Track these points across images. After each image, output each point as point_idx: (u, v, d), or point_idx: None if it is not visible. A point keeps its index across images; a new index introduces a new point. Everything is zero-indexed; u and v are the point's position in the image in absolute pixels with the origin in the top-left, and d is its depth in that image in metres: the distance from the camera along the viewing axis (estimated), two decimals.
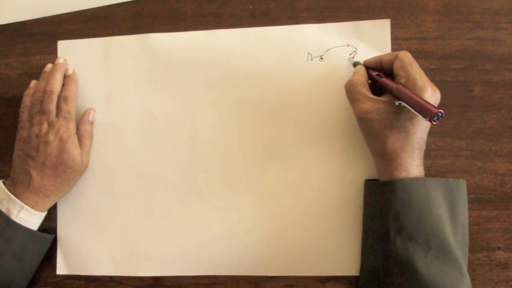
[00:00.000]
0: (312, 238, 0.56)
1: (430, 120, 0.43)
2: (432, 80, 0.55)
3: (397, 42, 0.56)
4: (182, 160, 0.59)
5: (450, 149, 0.55)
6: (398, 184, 0.48)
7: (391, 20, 0.56)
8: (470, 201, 0.54)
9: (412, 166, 0.49)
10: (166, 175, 0.59)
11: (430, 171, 0.55)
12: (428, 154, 0.55)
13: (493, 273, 0.54)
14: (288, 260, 0.57)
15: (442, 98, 0.55)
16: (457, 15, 0.56)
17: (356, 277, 0.56)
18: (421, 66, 0.55)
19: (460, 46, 0.56)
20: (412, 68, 0.48)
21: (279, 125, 0.57)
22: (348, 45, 0.57)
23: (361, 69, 0.53)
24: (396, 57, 0.50)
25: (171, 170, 0.59)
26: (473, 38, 0.56)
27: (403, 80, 0.48)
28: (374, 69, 0.53)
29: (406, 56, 0.50)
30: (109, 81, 0.61)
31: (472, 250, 0.54)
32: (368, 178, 0.56)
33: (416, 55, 0.56)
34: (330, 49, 0.57)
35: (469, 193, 0.55)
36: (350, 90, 0.52)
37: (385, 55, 0.52)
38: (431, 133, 0.55)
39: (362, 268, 0.53)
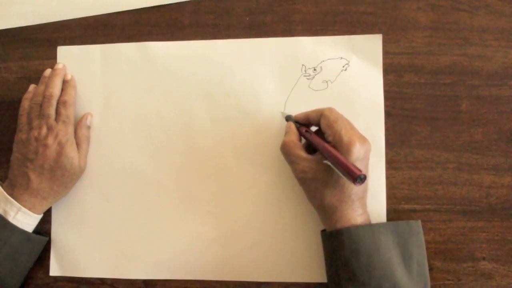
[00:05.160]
0: (305, 244, 0.57)
1: (353, 182, 0.43)
2: (422, 93, 0.57)
3: (388, 56, 0.58)
4: (176, 166, 0.60)
5: (438, 162, 0.57)
6: (345, 233, 0.48)
7: (383, 35, 0.58)
8: (457, 212, 0.56)
9: (354, 217, 0.49)
10: (160, 180, 0.60)
11: (418, 182, 0.57)
12: (416, 166, 0.57)
13: (477, 283, 0.55)
14: (280, 266, 0.57)
15: (431, 111, 0.57)
16: (447, 32, 0.58)
17: None
18: (411, 80, 0.57)
19: (449, 61, 0.57)
20: (337, 125, 0.48)
21: (272, 133, 0.58)
22: (341, 58, 0.58)
23: (291, 128, 0.54)
24: (321, 115, 0.50)
25: (165, 175, 0.60)
26: (462, 54, 0.57)
27: (330, 138, 0.48)
28: (304, 125, 0.53)
29: (330, 113, 0.50)
30: (107, 87, 0.61)
31: (457, 260, 0.56)
32: None
33: (407, 70, 0.58)
34: (323, 61, 0.58)
35: (455, 204, 0.56)
36: (285, 153, 0.52)
37: (312, 111, 0.52)
38: (419, 145, 0.57)
39: None
